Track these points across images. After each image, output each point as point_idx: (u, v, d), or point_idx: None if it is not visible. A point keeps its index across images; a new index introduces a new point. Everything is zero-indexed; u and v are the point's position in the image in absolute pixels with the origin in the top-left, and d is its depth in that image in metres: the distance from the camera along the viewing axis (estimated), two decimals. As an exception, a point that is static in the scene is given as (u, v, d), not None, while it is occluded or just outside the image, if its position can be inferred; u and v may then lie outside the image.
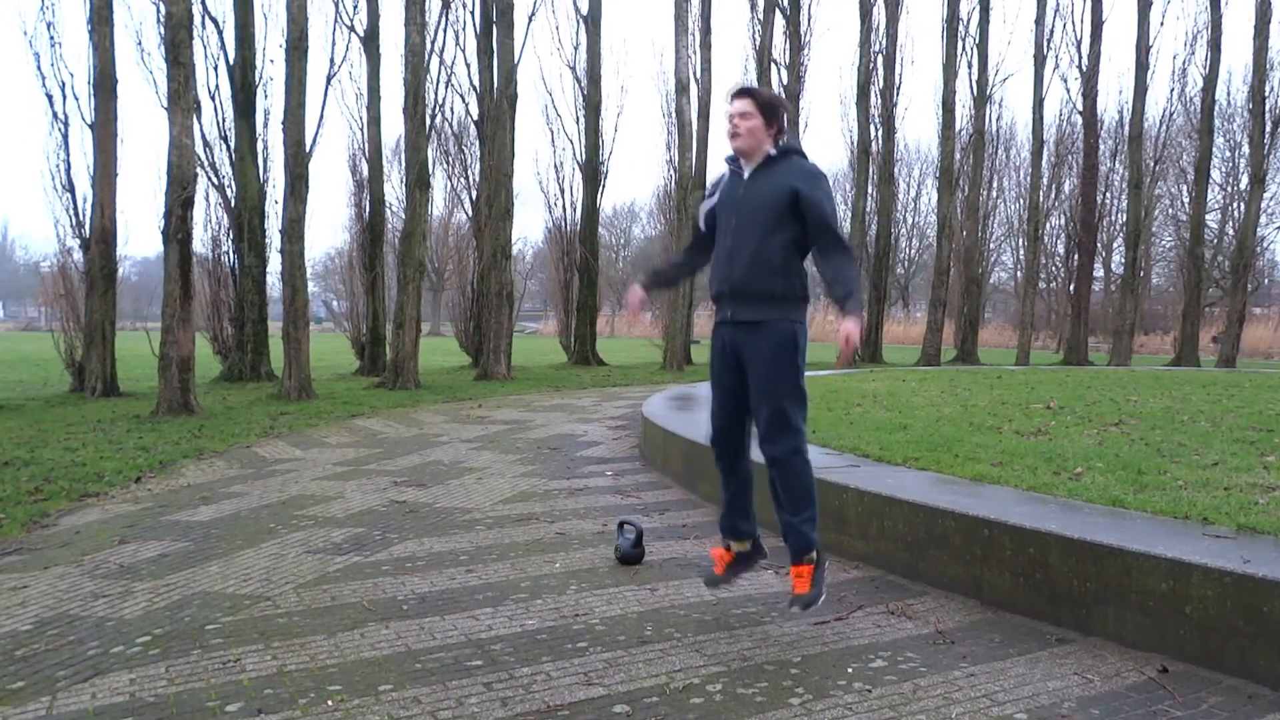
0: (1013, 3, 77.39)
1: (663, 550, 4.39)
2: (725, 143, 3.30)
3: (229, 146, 15.98)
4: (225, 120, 16.01)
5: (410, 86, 14.59)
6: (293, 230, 12.65)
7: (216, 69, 16.00)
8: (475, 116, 20.12)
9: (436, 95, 18.65)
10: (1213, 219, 34.89)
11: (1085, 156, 26.38)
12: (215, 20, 15.90)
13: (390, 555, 4.29)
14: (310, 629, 3.26)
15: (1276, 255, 46.20)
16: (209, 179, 15.80)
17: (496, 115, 17.28)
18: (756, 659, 2.99)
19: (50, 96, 13.26)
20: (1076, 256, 27.02)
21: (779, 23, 23.21)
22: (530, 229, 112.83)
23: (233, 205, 15.89)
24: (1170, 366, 21.49)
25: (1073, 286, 27.43)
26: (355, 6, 17.26)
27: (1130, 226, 25.11)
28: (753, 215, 3.19)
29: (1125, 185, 27.07)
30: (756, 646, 3.11)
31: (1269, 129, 23.27)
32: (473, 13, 19.30)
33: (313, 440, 8.44)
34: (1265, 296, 46.47)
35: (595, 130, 21.57)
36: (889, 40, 24.47)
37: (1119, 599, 3.11)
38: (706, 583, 3.61)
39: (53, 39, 13.44)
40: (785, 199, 3.14)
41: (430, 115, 17.36)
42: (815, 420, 6.98)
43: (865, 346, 24.83)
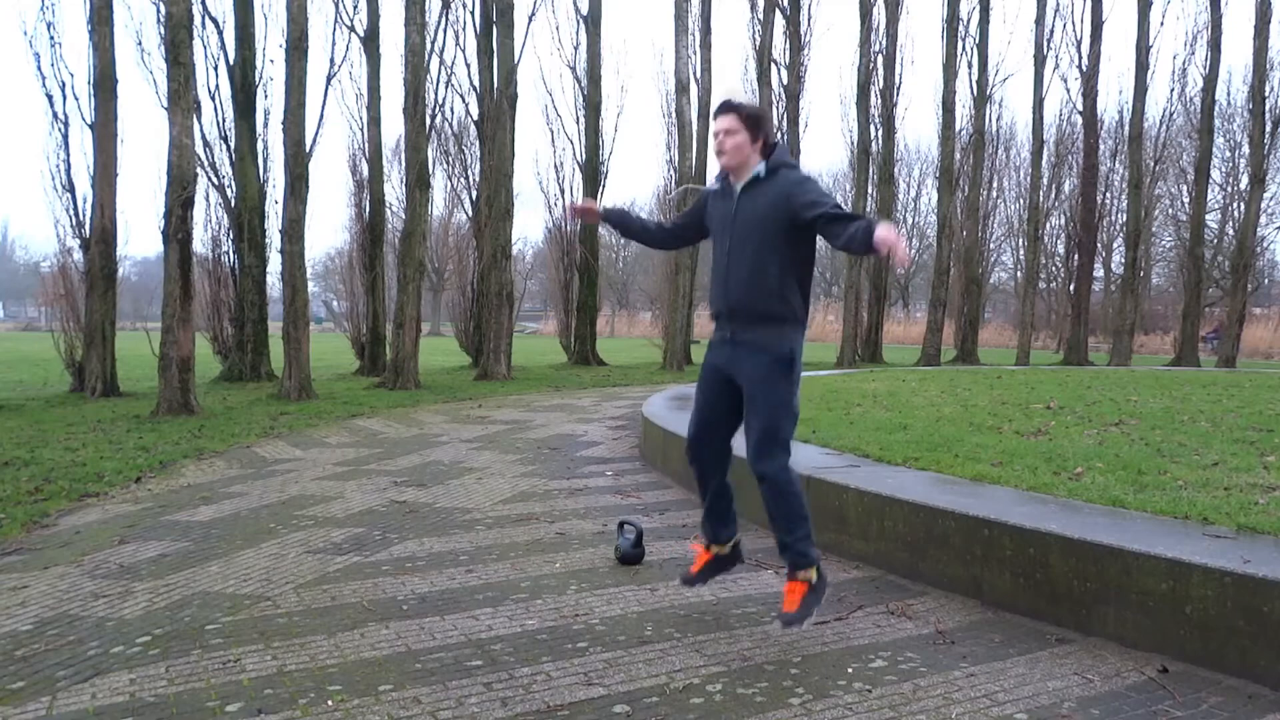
0: (1013, 3, 77.53)
1: (663, 550, 4.39)
2: None
3: (229, 146, 15.99)
4: (225, 120, 16.02)
5: (410, 86, 14.59)
6: (293, 230, 12.66)
7: (216, 69, 16.02)
8: (475, 116, 20.12)
9: (436, 95, 18.66)
10: (1213, 219, 34.93)
11: (1085, 156, 26.38)
12: (215, 20, 15.91)
13: (390, 555, 4.29)
14: (310, 629, 3.26)
15: (1276, 255, 46.26)
16: (209, 179, 15.82)
17: (496, 115, 17.27)
18: (756, 659, 2.99)
19: (50, 96, 13.28)
20: (1076, 256, 27.03)
21: (779, 23, 23.24)
22: (530, 229, 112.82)
23: (233, 205, 15.89)
24: (1170, 366, 21.48)
25: (1073, 286, 27.44)
26: (355, 6, 17.28)
27: (1130, 226, 25.11)
28: (746, 236, 3.17)
29: (1125, 185, 27.07)
30: (756, 646, 3.11)
31: (1269, 129, 23.28)
32: (473, 13, 19.31)
33: (313, 440, 8.44)
34: (1265, 296, 46.51)
35: (595, 130, 21.57)
36: (889, 40, 24.47)
37: (1119, 599, 3.11)
38: (682, 580, 3.55)
39: (53, 39, 13.44)
40: (778, 215, 3.12)
41: (430, 115, 17.35)
42: (815, 420, 6.98)
43: (865, 346, 24.82)
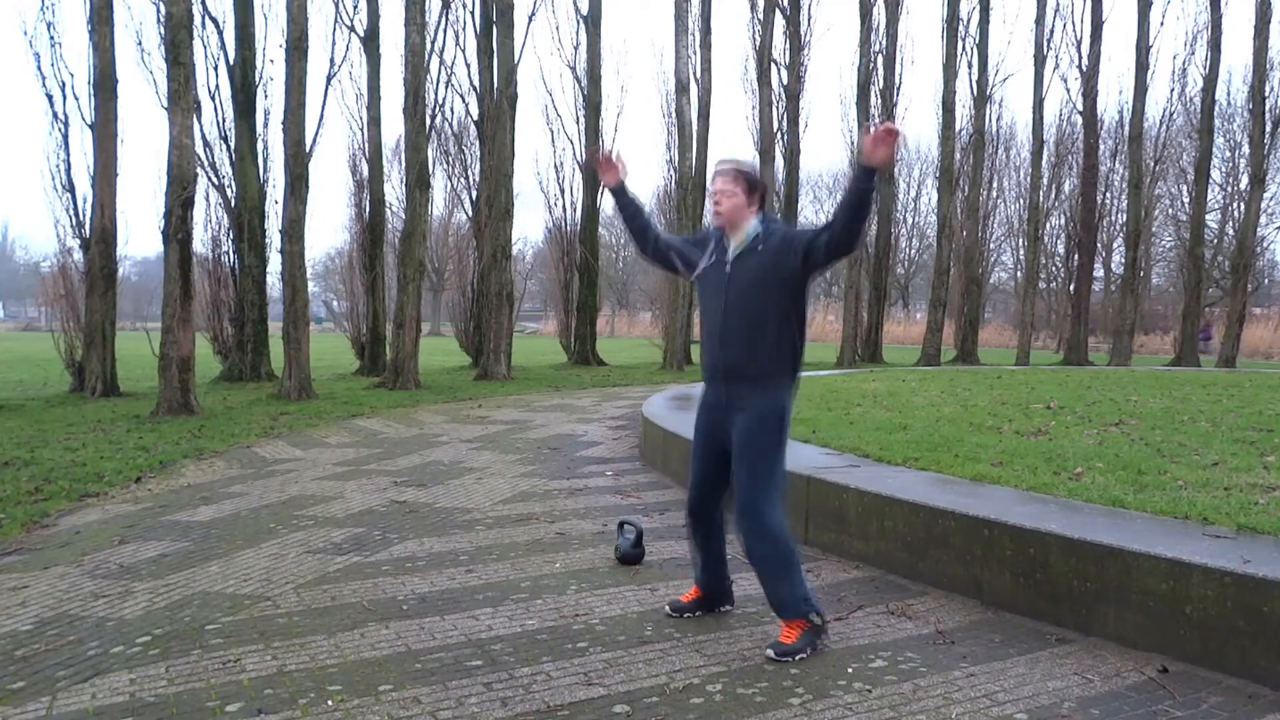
0: (1013, 3, 77.51)
1: (663, 550, 4.39)
2: (724, 143, 3.29)
3: (229, 146, 15.98)
4: (225, 120, 16.01)
5: (410, 86, 14.59)
6: (293, 230, 12.66)
7: (216, 69, 16.02)
8: (475, 116, 20.12)
9: (436, 95, 18.65)
10: (1213, 219, 34.88)
11: (1085, 156, 26.37)
12: (215, 20, 15.91)
13: (390, 555, 4.29)
14: (310, 629, 3.26)
15: (1276, 255, 46.22)
16: (209, 179, 15.81)
17: (496, 115, 17.27)
18: (756, 659, 3.00)
19: (50, 97, 13.28)
20: (1076, 256, 27.00)
21: (779, 23, 23.22)
22: (530, 229, 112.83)
23: (233, 205, 15.89)
24: (1170, 366, 21.48)
25: (1073, 286, 27.43)
26: (355, 6, 17.28)
27: (1130, 226, 25.10)
28: (740, 298, 3.17)
29: (1125, 185, 27.07)
30: (756, 646, 3.11)
31: (1269, 129, 23.26)
32: (473, 13, 19.30)
33: (313, 440, 8.44)
34: (1265, 296, 46.48)
35: (595, 130, 21.56)
36: (889, 40, 24.46)
37: (1119, 599, 3.11)
38: (670, 608, 3.46)
39: (53, 39, 13.44)
40: (774, 276, 3.12)
41: (430, 115, 17.34)
42: (815, 420, 6.99)
43: (865, 346, 24.79)
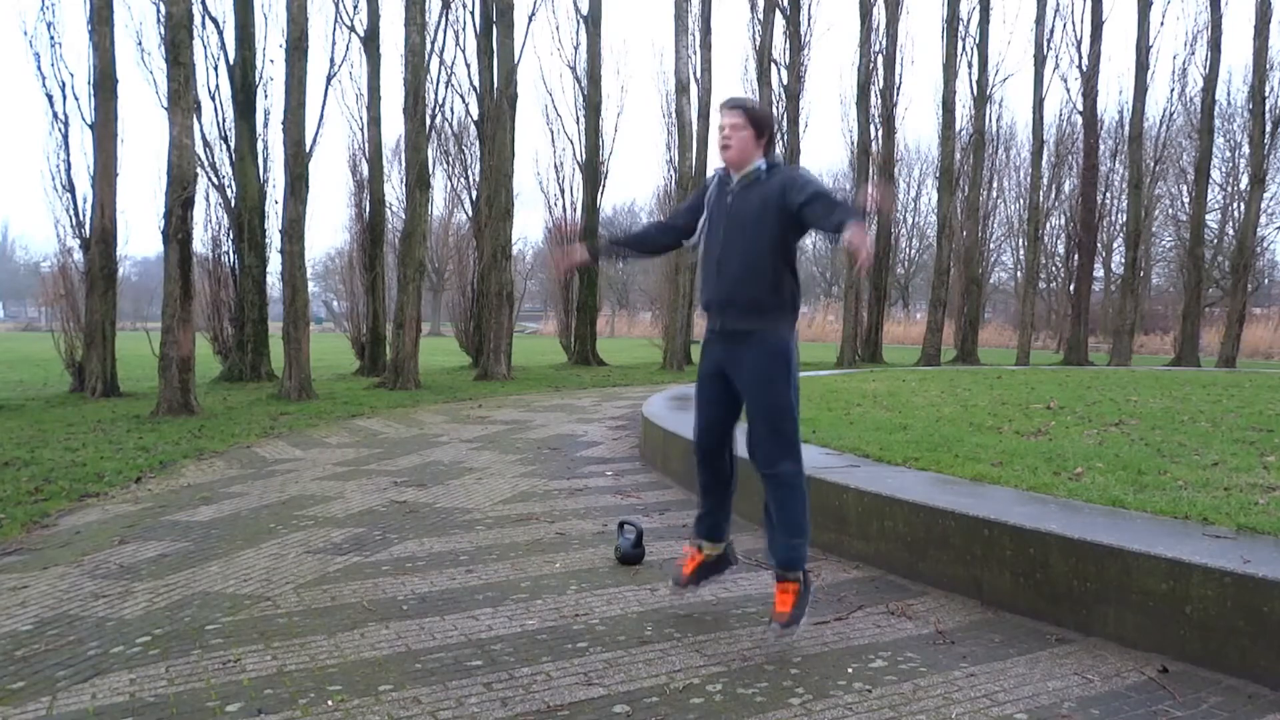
0: (1013, 3, 77.54)
1: (663, 550, 4.39)
2: None
3: (229, 146, 15.98)
4: (225, 120, 16.01)
5: (410, 86, 14.59)
6: (293, 230, 12.66)
7: (216, 69, 16.01)
8: (475, 116, 20.11)
9: (436, 95, 18.66)
10: (1213, 219, 34.88)
11: (1085, 156, 26.37)
12: (215, 20, 15.90)
13: (390, 555, 4.28)
14: (310, 629, 3.26)
15: (1276, 255, 46.20)
16: (209, 179, 15.81)
17: (496, 115, 17.27)
18: (756, 659, 2.99)
19: (50, 96, 13.27)
20: (1076, 256, 27.01)
21: (779, 23, 23.22)
22: (530, 229, 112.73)
23: (233, 205, 15.88)
24: (1170, 366, 21.48)
25: (1073, 286, 27.43)
26: (355, 6, 17.27)
27: (1130, 226, 25.11)
28: (741, 226, 3.19)
29: (1125, 185, 27.07)
30: (756, 646, 3.11)
31: (1269, 129, 23.26)
32: (473, 13, 19.30)
33: (313, 440, 8.44)
34: (1265, 296, 46.46)
35: (595, 130, 21.57)
36: (889, 40, 24.47)
37: (1119, 599, 3.11)
38: (674, 582, 3.53)
39: (53, 39, 13.42)
40: (773, 205, 3.13)
41: (430, 115, 17.35)
42: (815, 420, 6.98)
43: (865, 346, 24.82)
